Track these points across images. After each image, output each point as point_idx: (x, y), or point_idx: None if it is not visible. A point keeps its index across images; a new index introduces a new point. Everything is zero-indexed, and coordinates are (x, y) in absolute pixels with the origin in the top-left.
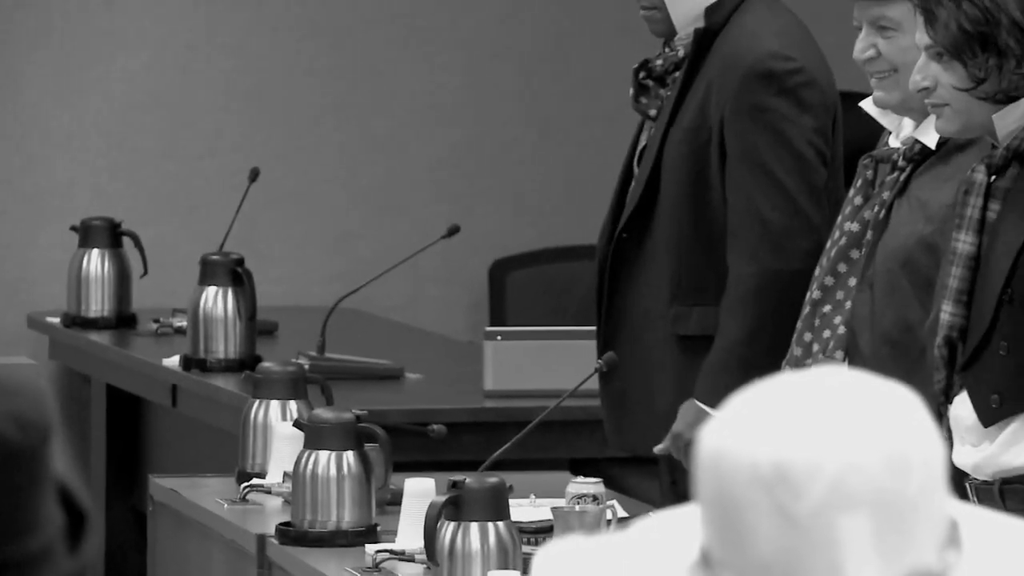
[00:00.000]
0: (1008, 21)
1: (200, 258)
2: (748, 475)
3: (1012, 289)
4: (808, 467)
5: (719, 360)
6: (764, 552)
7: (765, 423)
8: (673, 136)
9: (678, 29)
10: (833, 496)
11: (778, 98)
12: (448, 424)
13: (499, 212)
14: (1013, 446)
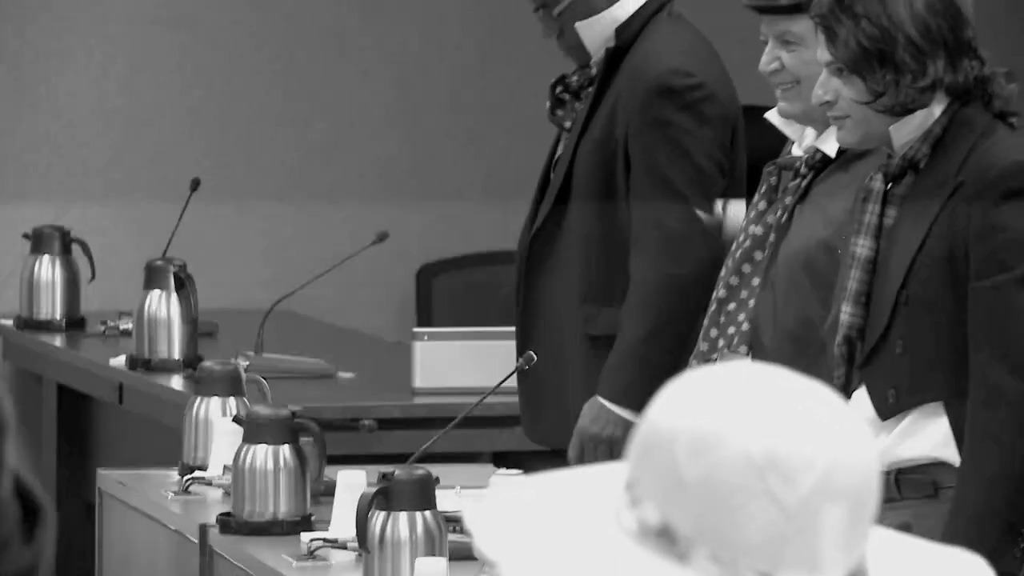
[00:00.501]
0: (904, 38)
1: (145, 264)
2: (742, 461)
3: (908, 291)
4: (801, 459)
5: (620, 359)
6: (750, 534)
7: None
8: (584, 147)
9: (591, 53)
10: (821, 487)
11: (679, 112)
12: (378, 420)
13: (425, 220)
14: (907, 439)
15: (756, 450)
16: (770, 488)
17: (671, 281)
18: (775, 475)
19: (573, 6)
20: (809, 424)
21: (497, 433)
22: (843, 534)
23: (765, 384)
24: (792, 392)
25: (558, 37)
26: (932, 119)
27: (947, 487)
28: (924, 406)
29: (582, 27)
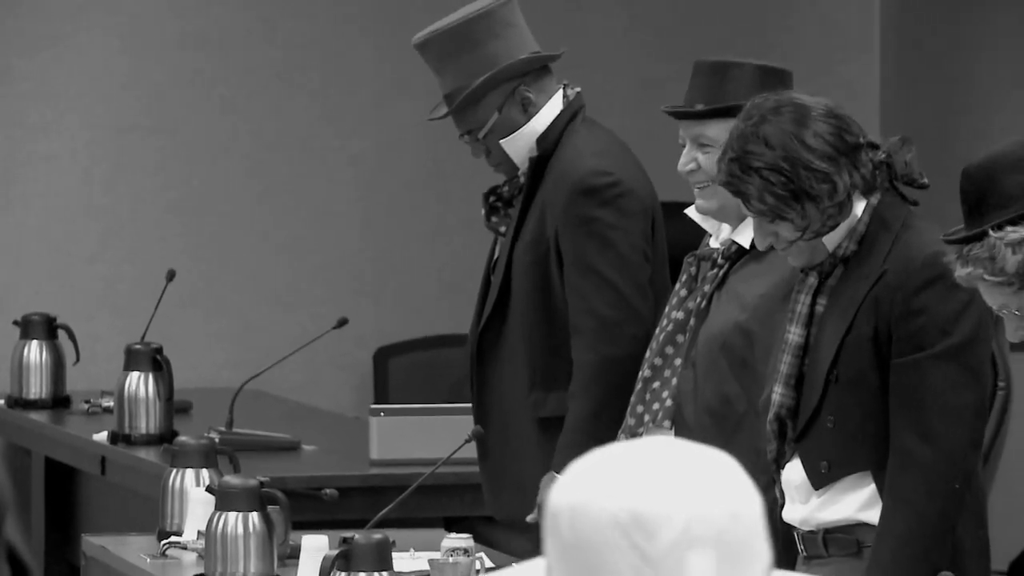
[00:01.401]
0: (807, 171)
1: (125, 347)
2: (608, 521)
3: (837, 371)
4: (661, 514)
5: (570, 437)
6: None
7: (618, 480)
8: (519, 249)
9: (519, 165)
10: (683, 538)
11: (601, 209)
12: (339, 488)
13: (381, 307)
14: (832, 504)
15: (621, 512)
16: (635, 543)
17: (609, 362)
18: (638, 531)
19: (495, 128)
20: (669, 485)
21: (448, 500)
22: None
23: (635, 456)
24: (659, 459)
25: (487, 156)
26: (856, 219)
27: (869, 546)
28: (852, 475)
29: (506, 143)
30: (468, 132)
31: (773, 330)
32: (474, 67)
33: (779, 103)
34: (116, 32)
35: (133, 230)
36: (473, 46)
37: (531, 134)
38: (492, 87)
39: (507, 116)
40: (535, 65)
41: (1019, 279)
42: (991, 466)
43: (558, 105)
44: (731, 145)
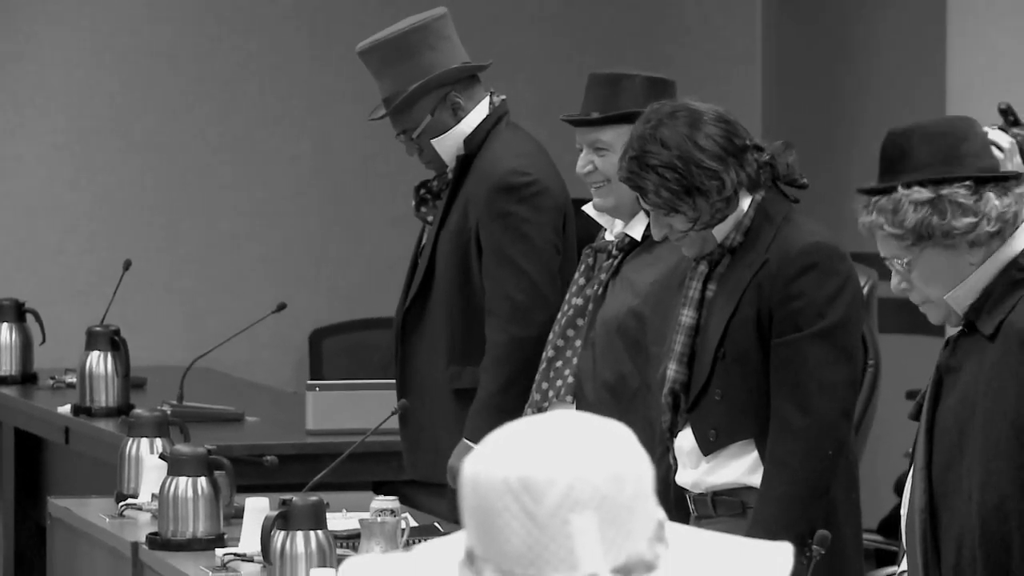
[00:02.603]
0: (698, 169)
1: (86, 329)
2: (501, 487)
3: (724, 349)
4: (546, 479)
5: (479, 408)
6: (515, 546)
7: (512, 450)
8: (443, 237)
9: (447, 162)
10: (566, 500)
11: (518, 205)
12: (279, 455)
13: (316, 293)
14: (719, 469)
15: (511, 477)
16: (524, 506)
17: (519, 342)
18: (526, 495)
19: (427, 129)
20: (555, 452)
21: (376, 466)
22: (596, 536)
23: (532, 428)
24: (551, 430)
25: (419, 154)
26: (742, 213)
27: (752, 507)
28: (737, 442)
29: (437, 143)
30: (403, 132)
31: (663, 314)
32: (410, 74)
33: (675, 109)
34: (76, 46)
35: (93, 224)
36: (410, 55)
37: (459, 135)
38: (426, 92)
39: (438, 119)
40: (465, 74)
41: (914, 235)
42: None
43: (484, 110)
44: (631, 145)
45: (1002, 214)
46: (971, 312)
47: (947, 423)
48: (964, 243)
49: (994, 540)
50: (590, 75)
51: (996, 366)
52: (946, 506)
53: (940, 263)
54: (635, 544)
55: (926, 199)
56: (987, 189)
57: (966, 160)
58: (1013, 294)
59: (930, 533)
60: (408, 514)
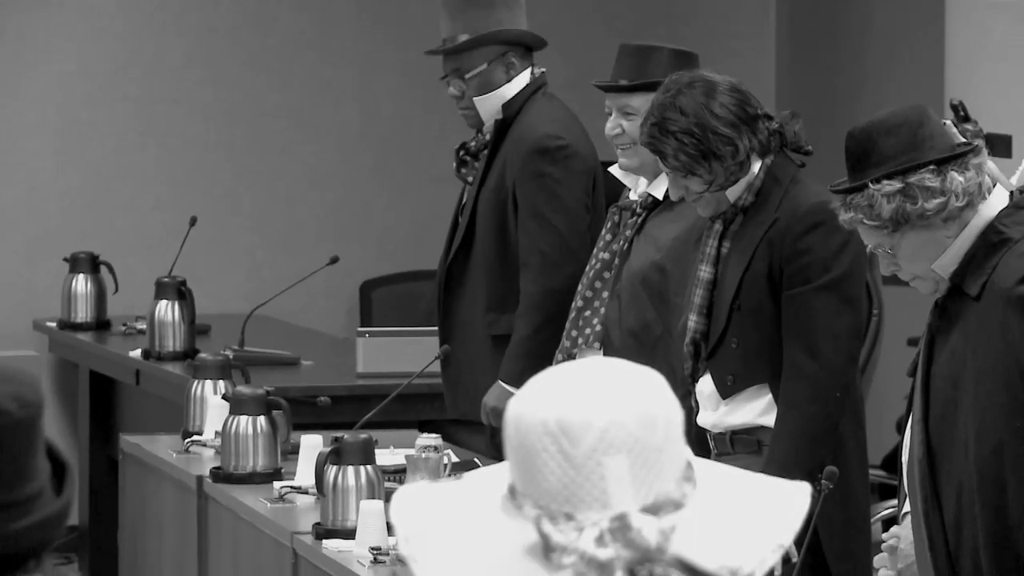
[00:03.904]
0: (714, 135)
1: (155, 280)
2: (540, 429)
3: (739, 301)
4: (583, 422)
5: (514, 352)
6: (552, 484)
7: (551, 394)
8: (483, 196)
9: (485, 121)
10: (600, 443)
11: (552, 166)
12: (331, 396)
13: (366, 248)
14: (736, 410)
15: (550, 420)
16: (562, 448)
17: (550, 292)
18: (564, 437)
19: (479, 77)
20: (591, 396)
21: (421, 406)
22: (628, 477)
23: (569, 373)
24: (588, 375)
25: (459, 98)
26: (753, 176)
27: (767, 445)
28: (753, 386)
29: (479, 101)
30: (455, 72)
31: (684, 267)
32: (482, 22)
33: (693, 79)
34: (145, 23)
35: (161, 184)
36: (488, 5)
37: (500, 98)
38: (491, 43)
39: (491, 71)
40: (527, 40)
41: (892, 223)
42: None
43: (526, 79)
44: (652, 112)
45: (967, 188)
46: (956, 276)
47: (941, 379)
48: (938, 220)
49: (991, 483)
50: (621, 46)
51: (982, 323)
52: (944, 455)
53: (920, 242)
54: (664, 484)
55: (896, 189)
56: (950, 168)
57: (925, 145)
58: (993, 256)
59: (929, 481)
60: (450, 450)
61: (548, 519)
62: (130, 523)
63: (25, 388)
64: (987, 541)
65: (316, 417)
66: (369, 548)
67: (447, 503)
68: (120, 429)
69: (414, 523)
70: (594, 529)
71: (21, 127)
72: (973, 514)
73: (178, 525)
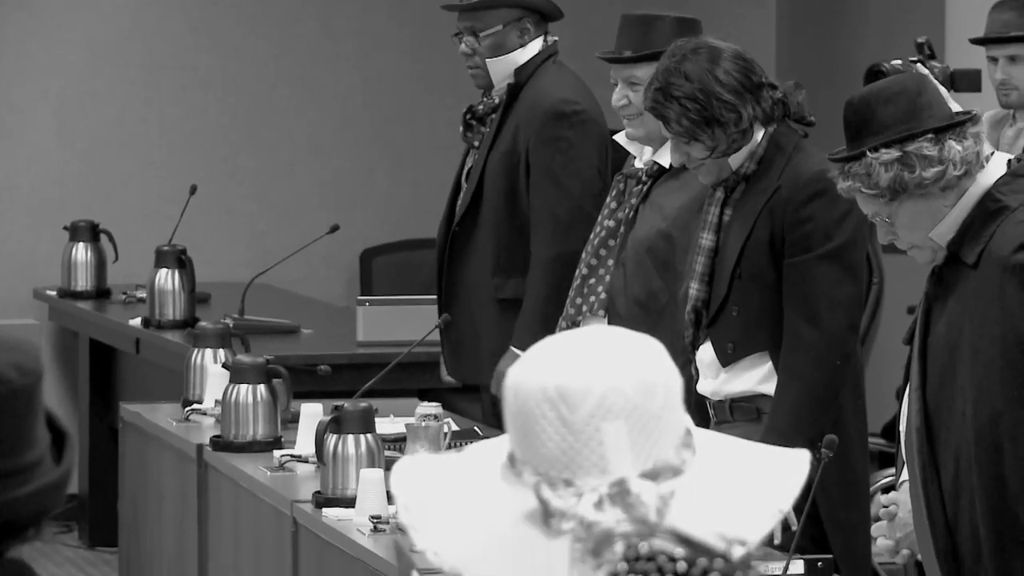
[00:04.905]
0: (718, 102)
1: (155, 248)
2: (539, 395)
3: (740, 269)
4: (581, 388)
5: (527, 318)
6: (550, 450)
7: (550, 360)
8: (492, 159)
9: (495, 83)
10: (599, 409)
11: (568, 130)
12: (332, 365)
13: (366, 216)
14: (736, 378)
15: (549, 386)
16: (560, 414)
17: (563, 257)
18: (563, 404)
19: (493, 37)
20: (590, 364)
21: (421, 374)
22: (626, 442)
23: (571, 340)
24: (588, 342)
25: (470, 56)
26: (756, 144)
27: (767, 412)
28: (753, 354)
29: (492, 62)
30: (469, 29)
31: (690, 235)
32: None
33: (697, 45)
34: None
35: (162, 153)
36: None
37: (512, 63)
38: (509, 4)
39: (505, 33)
40: (546, 8)
41: (890, 192)
42: (867, 347)
43: (538, 46)
44: (657, 77)
45: (964, 157)
46: (953, 244)
47: (938, 347)
48: (936, 189)
49: (988, 449)
50: (623, 16)
51: (979, 291)
52: (941, 424)
53: (918, 211)
54: (663, 451)
55: (894, 158)
56: (947, 137)
57: (923, 114)
58: (990, 224)
59: (927, 448)
60: (450, 419)
61: (547, 485)
62: (130, 492)
63: (25, 356)
64: (985, 508)
65: (316, 386)
66: (369, 517)
67: (447, 473)
68: (120, 398)
69: (414, 492)
70: (593, 494)
71: (22, 96)
72: (971, 481)
73: (178, 494)
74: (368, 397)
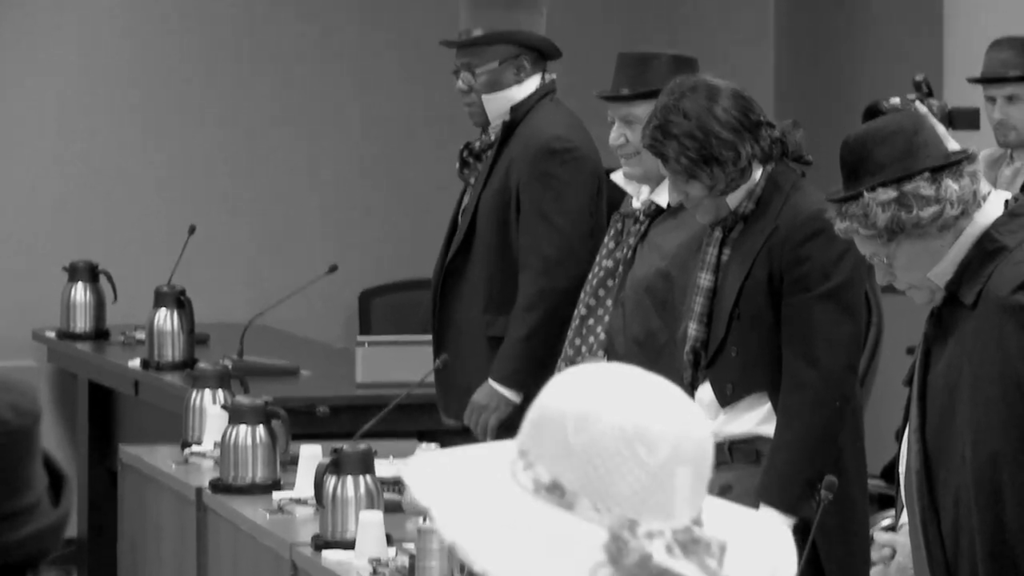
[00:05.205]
0: (717, 140)
1: (154, 289)
2: (616, 432)
3: (739, 309)
4: (659, 431)
5: (507, 352)
6: (622, 489)
7: (623, 397)
8: (486, 195)
9: (491, 120)
10: (674, 454)
11: (559, 168)
12: (331, 406)
13: (365, 256)
14: (735, 419)
15: (627, 425)
16: (637, 454)
17: (548, 293)
18: (641, 444)
19: (489, 74)
20: (664, 407)
21: (420, 416)
22: (690, 490)
23: (628, 377)
24: (648, 383)
25: (466, 93)
26: (754, 183)
27: (765, 454)
28: (752, 395)
29: (488, 99)
30: (466, 65)
31: (688, 274)
32: (502, 20)
33: (696, 83)
34: (145, 29)
35: (161, 192)
36: (509, 5)
37: (508, 99)
38: (506, 41)
39: (502, 71)
40: (543, 47)
41: (887, 232)
42: (866, 387)
43: (535, 84)
44: (655, 114)
45: (961, 196)
46: (952, 284)
47: (937, 388)
48: (933, 229)
49: (988, 492)
50: (619, 55)
51: (978, 332)
52: (941, 465)
53: (916, 251)
54: (703, 500)
55: (891, 198)
56: (944, 176)
57: (920, 153)
58: (988, 264)
59: (927, 491)
60: None
61: (616, 523)
62: (129, 534)
63: (22, 397)
64: (985, 550)
65: (315, 427)
66: (368, 559)
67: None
68: (119, 440)
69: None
70: (661, 539)
71: (20, 133)
72: (970, 523)
73: (177, 536)
74: (367, 439)
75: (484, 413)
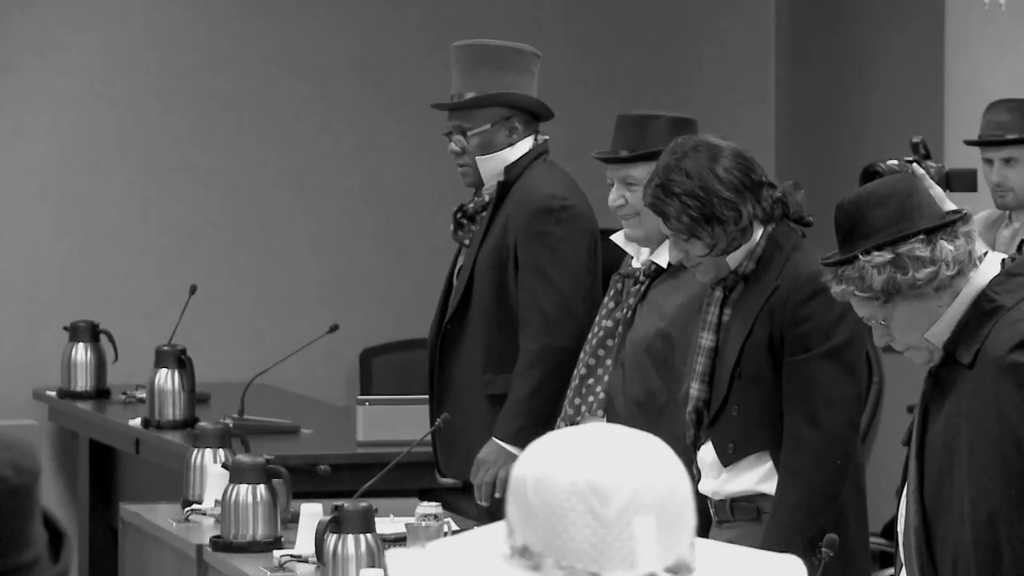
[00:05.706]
0: (718, 199)
1: (155, 349)
2: (568, 489)
3: (740, 369)
4: (613, 483)
5: (511, 410)
6: (580, 543)
7: (576, 454)
8: (482, 255)
9: (485, 182)
10: (631, 504)
11: (555, 226)
12: (332, 465)
13: (366, 316)
14: (737, 478)
15: (579, 480)
16: (591, 507)
17: (549, 351)
18: (595, 497)
19: (481, 136)
20: (620, 460)
21: (421, 474)
22: (654, 538)
23: (592, 436)
24: (609, 439)
25: (460, 155)
26: (755, 243)
27: (767, 512)
28: (754, 454)
29: (481, 161)
30: (458, 128)
31: (688, 334)
32: (493, 83)
33: (698, 143)
34: (145, 92)
35: (161, 252)
36: (500, 67)
37: (502, 160)
38: (498, 104)
39: (494, 133)
40: (535, 108)
41: (884, 294)
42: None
43: (528, 145)
44: (657, 173)
45: (956, 256)
46: (949, 344)
47: (935, 448)
48: (930, 290)
49: (986, 551)
50: (619, 116)
51: (975, 392)
52: (939, 523)
53: (913, 312)
54: (681, 547)
55: (887, 260)
56: (939, 237)
57: (914, 215)
58: (985, 324)
59: (926, 550)
60: (450, 519)
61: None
62: None
63: (22, 456)
64: None
65: (316, 485)
66: None
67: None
68: (120, 498)
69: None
70: None
71: (21, 195)
72: None
73: None
74: (368, 497)
75: (491, 468)
